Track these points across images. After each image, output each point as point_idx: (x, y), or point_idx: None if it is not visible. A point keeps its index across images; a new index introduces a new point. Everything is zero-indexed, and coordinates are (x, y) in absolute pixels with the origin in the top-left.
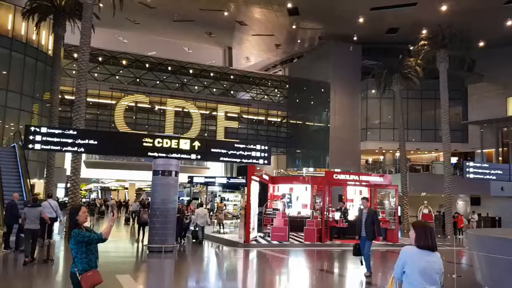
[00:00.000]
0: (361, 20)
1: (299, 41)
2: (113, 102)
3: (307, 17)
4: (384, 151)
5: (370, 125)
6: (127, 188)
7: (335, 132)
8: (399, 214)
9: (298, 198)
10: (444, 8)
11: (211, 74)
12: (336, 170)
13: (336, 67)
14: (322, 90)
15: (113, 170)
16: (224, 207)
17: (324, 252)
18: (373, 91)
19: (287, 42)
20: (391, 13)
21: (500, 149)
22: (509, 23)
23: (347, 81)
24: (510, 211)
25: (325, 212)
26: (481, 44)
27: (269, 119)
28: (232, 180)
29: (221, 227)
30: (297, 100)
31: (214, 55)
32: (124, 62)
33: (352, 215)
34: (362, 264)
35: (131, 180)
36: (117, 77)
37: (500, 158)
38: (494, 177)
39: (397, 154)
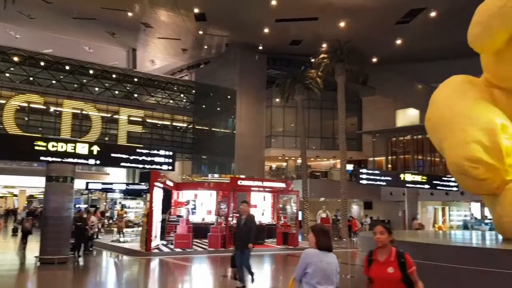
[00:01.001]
0: (266, 30)
1: (206, 47)
2: (2, 101)
3: (214, 24)
4: (287, 158)
5: (274, 132)
6: (16, 195)
7: (240, 138)
8: (300, 218)
9: (203, 205)
10: (342, 24)
11: (113, 76)
12: (241, 176)
13: (243, 75)
14: (229, 96)
15: (1, 176)
16: (125, 215)
17: (228, 258)
18: (277, 99)
19: (194, 47)
20: (295, 26)
21: (390, 157)
22: (398, 41)
23: (253, 89)
24: (398, 214)
25: (229, 218)
26: (375, 60)
27: (174, 124)
28: (132, 187)
29: (121, 235)
30: (204, 106)
31: (117, 56)
32: (15, 58)
33: (256, 220)
34: (236, 278)
35: (21, 186)
36: (7, 74)
37: (390, 166)
38: (384, 183)
39: (299, 161)
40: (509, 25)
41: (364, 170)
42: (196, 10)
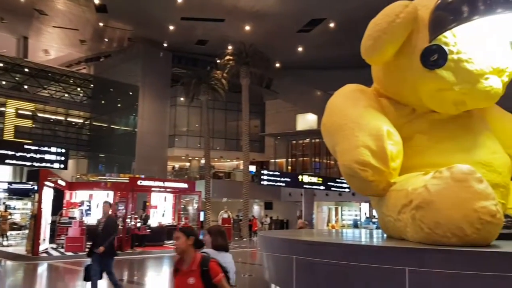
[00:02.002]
0: (171, 27)
1: (106, 40)
2: None
3: (116, 17)
4: (190, 158)
5: (178, 132)
6: None
7: (142, 137)
8: (201, 219)
9: (99, 206)
10: (248, 28)
11: (1, 65)
12: (141, 176)
13: (146, 71)
14: (130, 93)
15: None
16: (9, 216)
17: (124, 261)
18: (182, 98)
19: (94, 39)
20: (201, 25)
21: (290, 159)
22: (300, 49)
23: (157, 87)
24: (295, 214)
25: (127, 220)
26: (278, 65)
27: (69, 119)
28: (17, 186)
29: (5, 238)
30: (103, 102)
31: (5, 43)
32: None
33: (155, 221)
34: None
35: None
36: None
37: (290, 167)
38: (284, 184)
39: (203, 161)
40: (396, 40)
41: (265, 172)
42: (96, 1)
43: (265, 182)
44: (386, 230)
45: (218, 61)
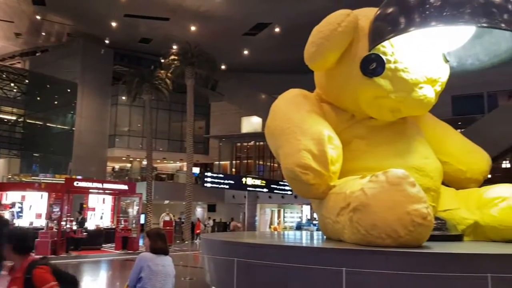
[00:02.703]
0: (114, 24)
1: (44, 33)
2: None
3: (54, 10)
4: (131, 159)
5: (119, 132)
6: None
7: (80, 136)
8: (142, 222)
9: (32, 207)
10: (193, 28)
11: None
12: (78, 177)
13: (86, 68)
14: (69, 90)
15: None
16: None
17: (58, 266)
18: (124, 97)
19: (30, 33)
20: (145, 23)
21: (234, 162)
22: (245, 52)
23: (97, 84)
24: (238, 216)
25: (62, 222)
26: (223, 67)
27: (1, 116)
28: None
29: None
30: (38, 98)
31: None
32: None
33: (92, 224)
34: None
35: None
36: None
37: (234, 170)
38: (227, 186)
39: (145, 162)
40: (338, 47)
41: (209, 174)
42: None
43: (208, 184)
44: (326, 232)
45: (162, 60)
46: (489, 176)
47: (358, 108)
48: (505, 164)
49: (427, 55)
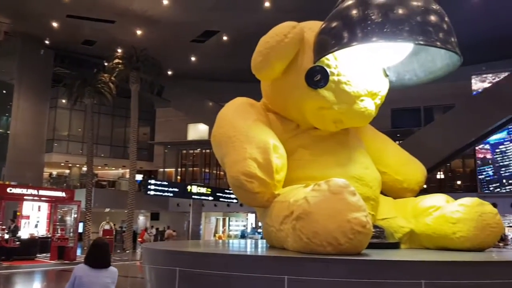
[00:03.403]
0: (55, 24)
1: None
2: None
3: None
4: (70, 164)
5: (58, 136)
6: None
7: (15, 140)
8: (80, 230)
9: None
10: (140, 32)
11: None
12: (12, 183)
13: (23, 69)
14: (4, 91)
15: None
16: None
17: None
18: (64, 101)
19: None
20: (89, 25)
21: (179, 169)
22: (193, 58)
23: (35, 86)
24: (183, 225)
25: None
26: (170, 72)
27: None
28: None
29: None
30: None
31: None
32: None
33: (26, 233)
34: None
35: None
36: None
37: (179, 177)
38: (172, 194)
39: (85, 168)
40: (284, 58)
41: (152, 181)
42: None
43: (152, 192)
44: (269, 240)
45: (106, 63)
46: (425, 186)
47: (303, 118)
48: (439, 175)
49: (368, 69)
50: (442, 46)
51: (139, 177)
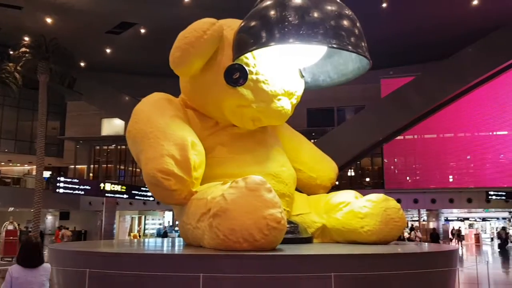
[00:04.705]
0: None
1: None
2: None
3: None
4: None
5: None
6: None
7: None
8: None
9: None
10: (50, 20)
11: None
12: None
13: None
14: None
15: None
16: None
17: None
18: None
19: None
20: None
21: (92, 166)
22: (108, 50)
23: None
24: (95, 224)
25: None
26: (83, 64)
27: None
28: None
29: None
30: None
31: None
32: None
33: None
34: None
35: None
36: None
37: (91, 174)
38: (83, 192)
39: None
40: (203, 54)
41: (62, 178)
42: None
43: (61, 190)
44: (186, 238)
45: (11, 52)
46: (337, 183)
47: (222, 116)
48: (350, 172)
49: (285, 69)
50: (353, 50)
51: (47, 174)
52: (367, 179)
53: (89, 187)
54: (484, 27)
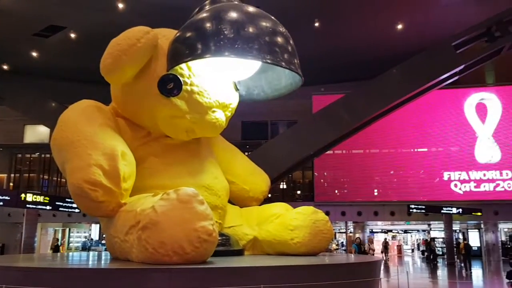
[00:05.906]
0: None
1: None
2: None
3: None
4: None
5: None
6: None
7: None
8: None
9: None
10: None
11: None
12: None
13: None
14: None
15: None
16: None
17: None
18: None
19: None
20: None
21: (13, 175)
22: (34, 54)
23: None
24: (15, 237)
25: None
26: (6, 67)
27: None
28: None
29: None
30: None
31: None
32: None
33: None
34: None
35: None
36: None
37: (11, 184)
38: (1, 203)
39: None
40: (136, 63)
41: None
42: None
43: None
44: (113, 252)
45: None
46: (269, 195)
47: (155, 126)
48: (282, 185)
49: (220, 81)
50: (286, 67)
51: None
52: (298, 192)
53: (8, 198)
54: (408, 50)
